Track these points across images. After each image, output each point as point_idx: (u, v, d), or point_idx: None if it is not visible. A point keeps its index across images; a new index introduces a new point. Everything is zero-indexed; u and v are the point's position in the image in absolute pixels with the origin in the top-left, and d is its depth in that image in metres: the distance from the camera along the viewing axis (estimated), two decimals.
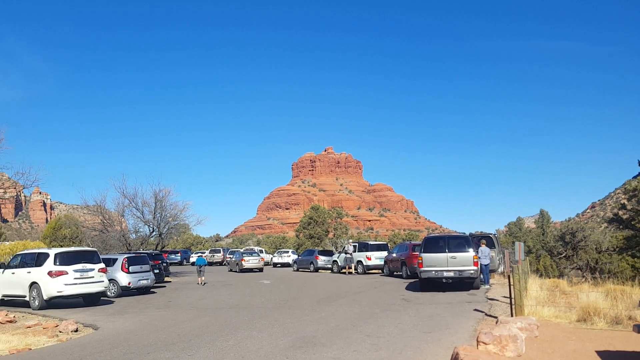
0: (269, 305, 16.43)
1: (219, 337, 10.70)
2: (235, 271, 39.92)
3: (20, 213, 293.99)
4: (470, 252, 18.27)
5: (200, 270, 27.66)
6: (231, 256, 46.11)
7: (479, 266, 18.65)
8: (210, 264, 54.57)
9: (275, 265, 49.36)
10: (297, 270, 39.62)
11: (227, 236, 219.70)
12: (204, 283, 27.30)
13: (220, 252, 57.90)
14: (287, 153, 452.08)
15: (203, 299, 19.34)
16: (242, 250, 51.54)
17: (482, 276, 19.98)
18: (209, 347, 9.67)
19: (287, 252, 50.45)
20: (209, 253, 59.18)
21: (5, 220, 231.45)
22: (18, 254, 19.26)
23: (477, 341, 8.24)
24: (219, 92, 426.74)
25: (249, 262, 39.29)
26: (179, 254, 57.83)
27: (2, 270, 18.83)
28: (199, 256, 33.16)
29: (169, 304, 18.28)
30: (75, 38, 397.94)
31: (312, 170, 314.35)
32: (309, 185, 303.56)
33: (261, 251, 54.77)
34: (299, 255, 44.31)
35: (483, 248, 20.20)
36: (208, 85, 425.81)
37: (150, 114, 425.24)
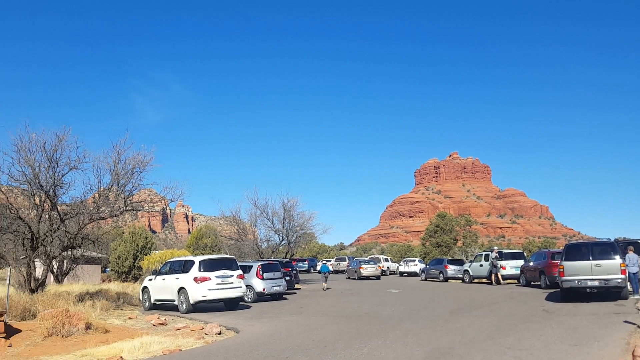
0: (400, 315, 16.18)
1: (353, 345, 10.73)
2: (354, 278, 40.82)
3: (166, 224, 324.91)
4: (617, 260, 16.73)
5: (325, 277, 30.38)
6: (349, 264, 47.02)
7: (626, 274, 17.09)
8: (337, 272, 55.52)
9: (401, 274, 48.85)
10: (425, 279, 38.75)
11: (351, 244, 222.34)
12: (327, 288, 29.24)
13: (345, 260, 58.71)
14: (410, 160, 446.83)
15: (333, 307, 19.64)
16: (366, 258, 51.76)
17: (630, 285, 18.01)
18: (344, 354, 9.72)
19: (414, 260, 49.68)
20: (335, 261, 60.27)
21: (154, 231, 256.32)
22: (167, 262, 21.18)
23: (633, 355, 7.43)
24: (340, 102, 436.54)
25: (367, 269, 40.36)
26: (307, 262, 59.62)
27: (154, 276, 20.83)
28: (323, 264, 34.51)
29: (301, 310, 18.81)
30: (210, 66, 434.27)
31: (436, 176, 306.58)
32: (433, 192, 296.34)
33: (386, 259, 54.58)
34: (426, 264, 43.47)
35: (631, 255, 18.17)
36: (330, 94, 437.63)
37: (277, 125, 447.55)
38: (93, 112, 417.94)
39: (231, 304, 19.77)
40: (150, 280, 20.91)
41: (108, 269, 48.01)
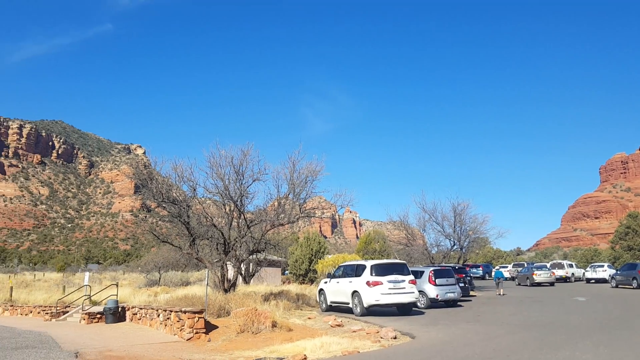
0: (589, 325, 14.56)
1: (538, 355, 9.92)
2: (525, 285, 38.79)
3: (335, 230, 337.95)
4: None
5: (498, 283, 30.06)
6: (520, 270, 44.17)
7: None
8: (513, 278, 52.05)
9: (588, 280, 44.05)
10: (616, 286, 34.62)
11: (528, 249, 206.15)
12: (503, 294, 29.01)
13: (523, 267, 54.76)
14: (593, 156, 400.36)
15: (513, 315, 18.40)
16: (547, 263, 47.60)
17: None
18: None
19: (602, 266, 44.37)
20: (512, 267, 56.64)
21: (325, 237, 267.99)
22: (340, 266, 21.94)
23: None
24: (513, 95, 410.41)
25: (540, 276, 38.50)
26: (481, 268, 56.97)
27: (329, 279, 21.73)
28: (496, 269, 33.46)
29: (478, 317, 17.98)
30: (373, 75, 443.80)
31: (625, 172, 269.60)
32: (621, 190, 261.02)
33: (570, 265, 49.56)
34: (616, 270, 38.76)
35: None
36: (498, 88, 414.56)
37: (441, 126, 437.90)
38: (270, 127, 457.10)
39: (404, 309, 19.71)
40: (326, 283, 21.83)
41: (287, 272, 51.46)
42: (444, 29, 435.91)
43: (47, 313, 24.19)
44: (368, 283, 18.66)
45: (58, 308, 24.72)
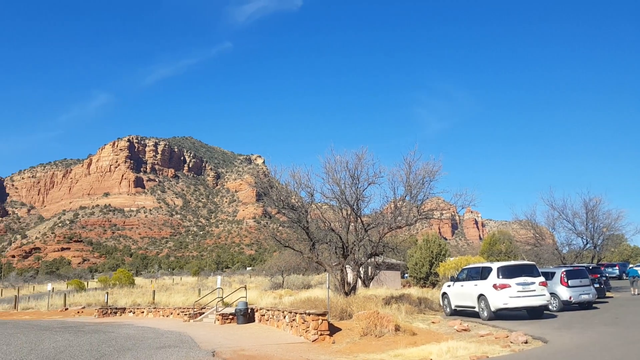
0: None
1: None
2: None
3: (456, 231, 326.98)
4: None
5: (633, 282, 28.43)
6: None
7: None
8: None
9: None
10: None
11: None
12: (638, 294, 27.72)
13: None
14: None
15: None
16: None
17: None
18: None
19: None
20: None
21: (445, 238, 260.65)
22: (464, 268, 21.25)
23: None
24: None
25: None
26: (617, 267, 51.81)
27: (452, 283, 21.15)
28: (630, 267, 30.86)
29: (617, 320, 16.42)
30: (489, 68, 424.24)
31: None
32: None
33: None
34: None
35: None
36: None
37: (568, 119, 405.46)
38: (384, 130, 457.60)
39: (534, 313, 18.59)
40: (449, 286, 21.31)
41: (406, 275, 50.92)
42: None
43: (185, 314, 26.41)
44: (495, 286, 17.89)
45: (195, 309, 26.86)
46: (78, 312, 33.89)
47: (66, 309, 35.30)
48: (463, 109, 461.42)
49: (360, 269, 29.30)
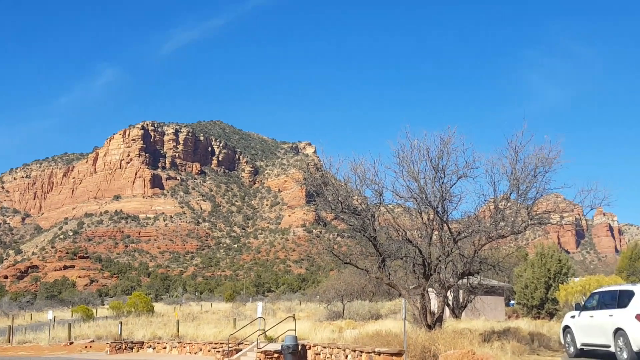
0: None
1: None
2: None
3: (582, 241, 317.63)
4: None
5: None
6: None
7: None
8: None
9: None
10: None
11: None
12: None
13: None
14: None
15: None
16: None
17: None
18: None
19: None
20: None
21: (567, 251, 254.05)
22: (594, 293, 20.49)
23: None
24: None
25: None
26: None
27: (577, 312, 20.44)
28: None
29: None
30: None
31: None
32: None
33: None
34: None
35: None
36: None
37: None
38: (479, 103, 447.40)
39: None
40: (573, 317, 20.66)
41: (513, 302, 49.85)
42: None
43: (217, 351, 26.97)
44: (638, 317, 17.13)
45: (230, 345, 27.36)
46: (85, 347, 35.47)
47: (71, 343, 36.98)
48: (591, 74, 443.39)
49: (448, 293, 28.90)
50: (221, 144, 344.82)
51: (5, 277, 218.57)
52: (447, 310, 32.35)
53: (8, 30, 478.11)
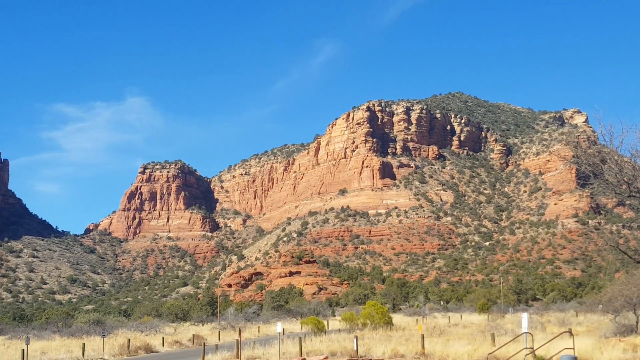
0: None
1: None
2: None
3: None
4: None
5: None
6: None
7: None
8: None
9: None
10: None
11: None
12: None
13: None
14: None
15: None
16: None
17: None
18: None
19: None
20: None
21: None
22: None
23: None
24: None
25: None
26: None
27: None
28: None
29: None
30: None
31: None
32: None
33: None
34: None
35: None
36: None
37: None
38: None
39: None
40: None
41: None
42: None
43: None
44: None
45: None
46: None
47: (303, 359, 39.20)
48: None
49: None
50: (463, 121, 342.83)
51: (229, 285, 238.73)
52: None
53: (223, 15, 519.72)
